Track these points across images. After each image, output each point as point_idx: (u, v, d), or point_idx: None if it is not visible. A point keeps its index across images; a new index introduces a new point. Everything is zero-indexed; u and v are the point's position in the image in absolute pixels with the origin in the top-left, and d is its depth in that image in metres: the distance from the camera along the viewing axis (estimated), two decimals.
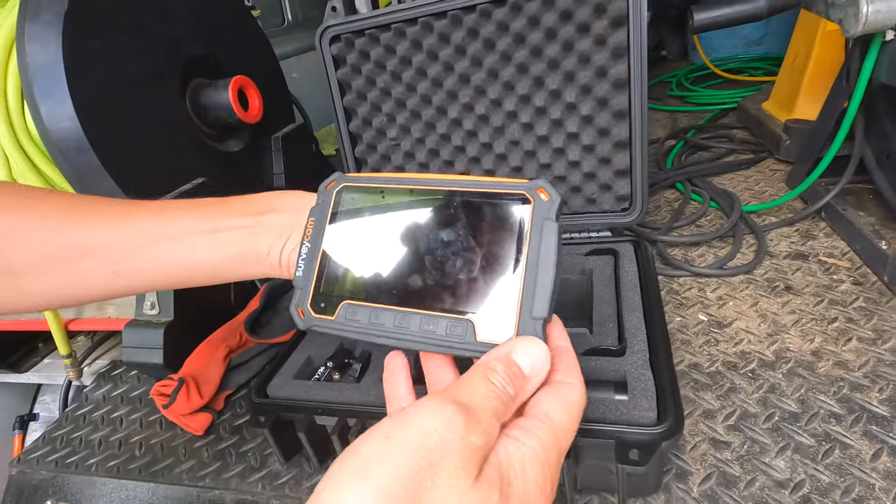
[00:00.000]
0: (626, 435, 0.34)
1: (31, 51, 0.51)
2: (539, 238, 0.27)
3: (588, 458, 0.37)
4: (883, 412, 0.41)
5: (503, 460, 0.22)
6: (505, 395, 0.23)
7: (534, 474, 0.22)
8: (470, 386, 0.23)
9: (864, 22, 0.47)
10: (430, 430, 0.21)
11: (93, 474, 0.55)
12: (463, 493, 0.20)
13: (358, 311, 0.29)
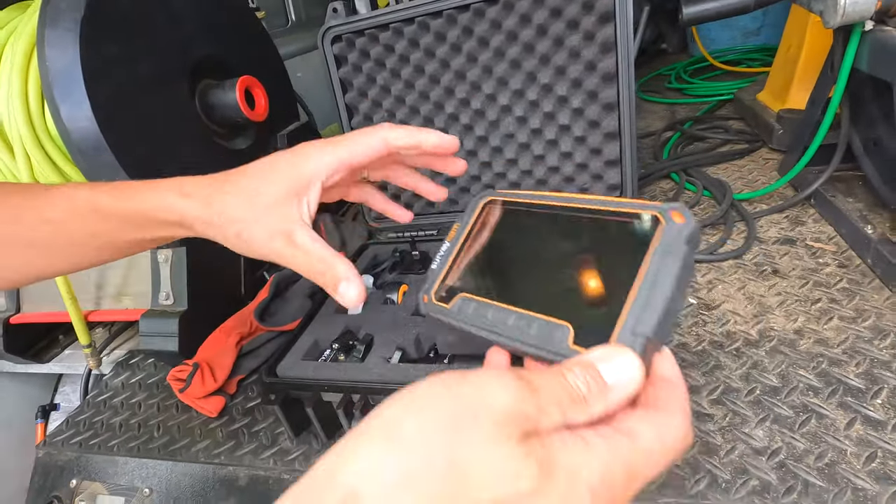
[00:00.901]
0: None
1: (51, 56, 0.55)
2: (662, 258, 0.26)
3: None
4: (858, 385, 0.44)
5: (556, 447, 0.20)
6: (575, 393, 0.22)
7: (588, 478, 0.20)
8: (541, 374, 0.22)
9: (843, 13, 0.49)
10: (484, 384, 0.21)
11: (115, 454, 0.59)
12: (501, 444, 0.19)
13: (468, 305, 0.32)
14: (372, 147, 0.37)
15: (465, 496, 0.19)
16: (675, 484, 0.40)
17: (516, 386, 0.21)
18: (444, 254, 0.36)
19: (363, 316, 0.54)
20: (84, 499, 0.58)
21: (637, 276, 0.26)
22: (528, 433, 0.20)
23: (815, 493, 0.37)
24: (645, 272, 0.26)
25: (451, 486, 0.19)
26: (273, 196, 0.35)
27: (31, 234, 0.37)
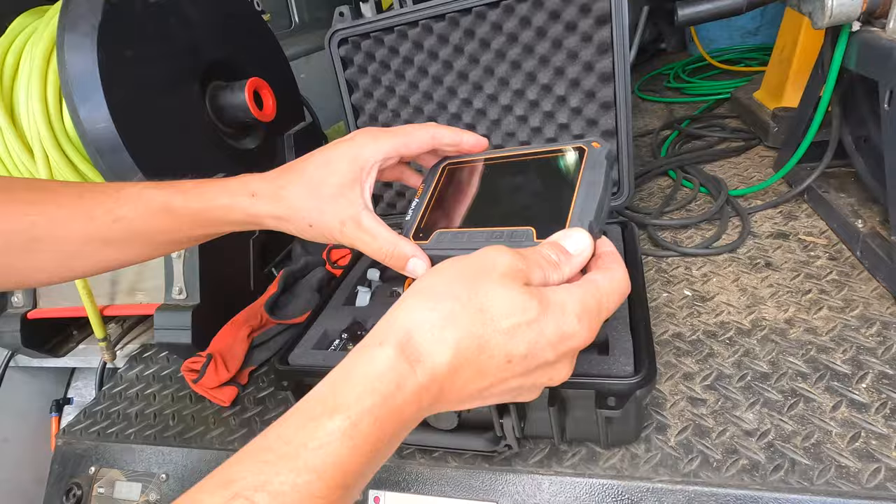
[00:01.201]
0: (605, 385, 0.38)
1: (70, 59, 0.57)
2: (591, 172, 0.37)
3: (574, 409, 0.41)
4: (845, 370, 0.46)
5: (546, 291, 0.29)
6: (550, 260, 0.31)
7: (573, 309, 0.29)
8: (525, 249, 0.31)
9: (830, 15, 0.51)
10: (487, 253, 0.30)
11: (131, 442, 0.61)
12: (509, 288, 0.28)
13: (445, 236, 0.40)
14: (423, 140, 0.42)
15: (490, 325, 0.27)
16: (669, 464, 0.42)
17: (510, 252, 0.30)
18: (415, 207, 0.44)
19: (370, 308, 0.56)
20: (103, 485, 0.60)
21: (576, 186, 0.37)
22: (526, 282, 0.29)
23: (801, 470, 0.39)
24: (580, 182, 0.37)
25: (479, 318, 0.27)
26: (337, 185, 0.39)
27: (105, 232, 0.40)
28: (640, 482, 0.41)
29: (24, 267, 0.41)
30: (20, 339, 0.77)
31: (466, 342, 0.27)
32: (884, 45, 0.49)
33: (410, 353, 0.27)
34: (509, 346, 0.28)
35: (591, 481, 0.42)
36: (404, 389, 0.26)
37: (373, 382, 0.26)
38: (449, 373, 0.27)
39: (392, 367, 0.26)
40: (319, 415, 0.25)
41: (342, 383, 0.27)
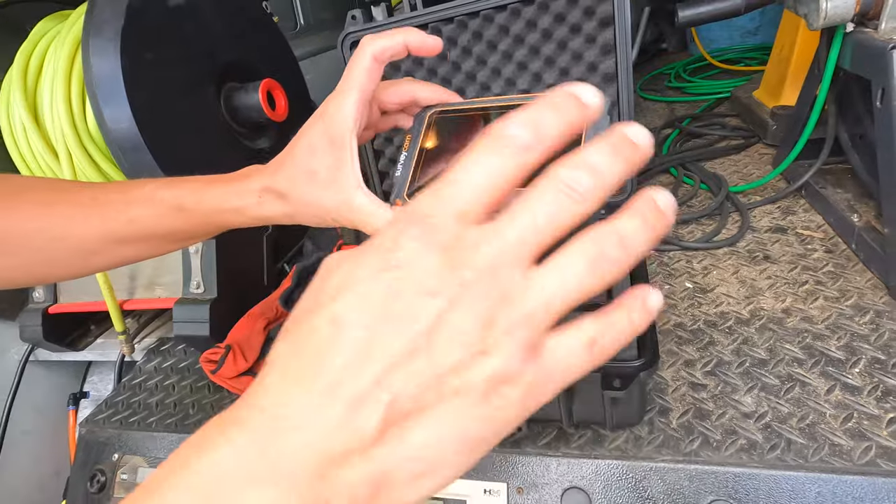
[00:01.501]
0: (610, 369, 0.40)
1: (95, 63, 0.59)
2: (595, 125, 0.32)
3: (581, 391, 0.43)
4: (839, 356, 0.48)
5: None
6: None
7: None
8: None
9: (825, 16, 0.53)
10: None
11: (153, 430, 0.63)
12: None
13: None
14: (367, 69, 0.36)
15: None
16: (671, 444, 0.44)
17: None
18: (404, 162, 0.40)
19: None
20: (126, 471, 0.63)
21: (581, 140, 0.33)
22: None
23: (796, 449, 0.41)
24: (584, 136, 0.33)
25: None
26: (326, 170, 0.37)
27: (120, 232, 0.42)
28: (644, 462, 0.43)
29: (44, 264, 0.44)
30: (41, 333, 0.79)
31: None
32: (876, 45, 0.51)
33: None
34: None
35: (597, 462, 0.45)
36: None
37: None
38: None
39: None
40: None
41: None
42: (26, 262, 0.43)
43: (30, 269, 0.44)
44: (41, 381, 0.93)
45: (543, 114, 0.20)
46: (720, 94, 1.15)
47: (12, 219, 0.41)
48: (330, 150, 0.37)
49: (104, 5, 0.60)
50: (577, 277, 0.19)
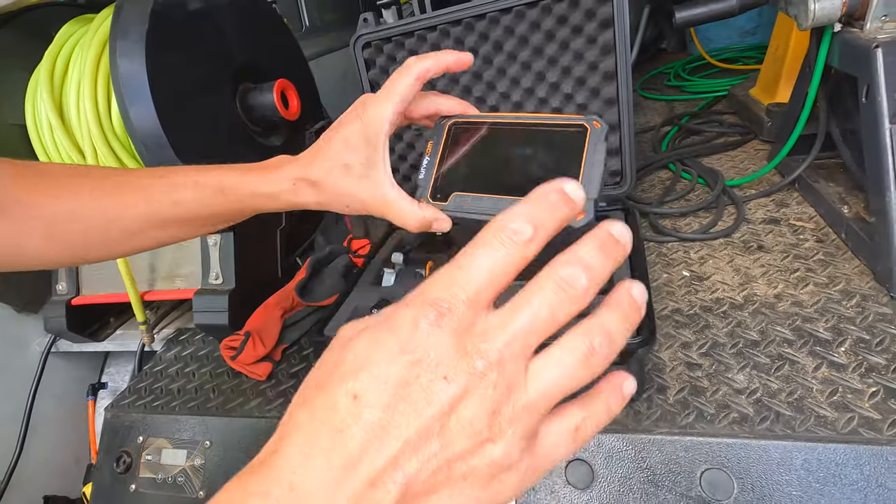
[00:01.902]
0: None
1: (122, 64, 0.63)
2: (593, 150, 0.40)
3: None
4: (827, 337, 0.51)
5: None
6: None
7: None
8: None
9: (813, 17, 0.56)
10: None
11: (176, 414, 0.66)
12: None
13: (464, 199, 0.43)
14: (411, 86, 0.42)
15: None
16: (668, 418, 0.47)
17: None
18: (426, 166, 0.45)
19: (396, 287, 0.62)
20: (150, 453, 0.66)
21: (581, 164, 0.40)
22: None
23: (784, 420, 0.44)
24: (584, 160, 0.40)
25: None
26: (361, 166, 0.42)
27: (165, 214, 0.46)
28: (643, 434, 0.47)
29: (98, 245, 0.47)
30: (65, 324, 0.82)
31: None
32: (861, 44, 0.54)
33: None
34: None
35: (599, 435, 0.48)
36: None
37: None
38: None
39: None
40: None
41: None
42: (82, 242, 0.46)
43: (86, 250, 0.47)
44: (61, 372, 0.97)
45: (541, 212, 0.22)
46: (718, 92, 1.18)
47: (76, 202, 0.44)
48: (364, 148, 0.42)
49: (130, 10, 0.64)
50: (572, 370, 0.21)
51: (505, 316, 0.21)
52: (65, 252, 0.48)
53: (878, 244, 0.55)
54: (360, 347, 0.21)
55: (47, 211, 0.44)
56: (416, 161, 0.77)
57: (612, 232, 0.22)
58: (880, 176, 0.53)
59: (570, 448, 0.23)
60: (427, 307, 0.21)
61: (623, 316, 0.22)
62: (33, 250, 0.46)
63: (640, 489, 0.45)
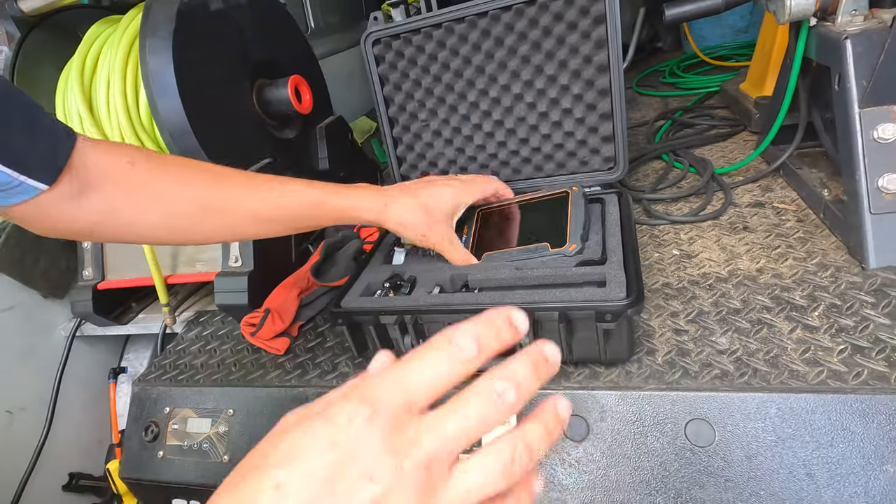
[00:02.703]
0: (603, 307, 0.48)
1: (151, 60, 0.68)
2: (575, 205, 0.62)
3: (579, 329, 0.51)
4: (802, 303, 0.55)
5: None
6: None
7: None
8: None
9: (789, 12, 0.61)
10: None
11: (200, 385, 0.71)
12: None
13: (492, 255, 0.63)
14: (489, 193, 0.68)
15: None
16: (657, 376, 0.52)
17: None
18: (465, 241, 0.66)
19: (406, 265, 0.66)
20: (177, 422, 0.70)
21: (568, 217, 0.61)
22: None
23: (761, 375, 0.49)
24: (570, 214, 0.61)
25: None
26: (442, 214, 0.62)
27: (268, 213, 0.55)
28: (634, 391, 0.51)
29: (195, 229, 0.54)
30: (91, 307, 0.87)
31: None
32: (833, 36, 0.59)
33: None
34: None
35: (594, 393, 0.52)
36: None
37: None
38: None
39: None
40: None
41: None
42: (182, 226, 0.53)
43: (183, 233, 0.55)
44: (85, 355, 1.01)
45: (487, 334, 0.24)
46: (710, 88, 1.23)
47: (195, 190, 0.52)
48: (450, 205, 0.63)
49: (158, 10, 0.69)
50: (492, 477, 0.22)
51: (436, 420, 0.22)
52: (172, 233, 0.54)
53: (850, 221, 0.60)
54: (293, 437, 0.22)
55: (168, 194, 0.51)
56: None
57: (545, 353, 0.24)
58: (852, 157, 0.58)
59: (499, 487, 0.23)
60: (363, 405, 0.22)
61: (546, 431, 0.24)
62: (145, 229, 0.52)
63: (631, 439, 0.50)
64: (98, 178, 0.48)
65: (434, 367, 0.23)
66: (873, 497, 0.42)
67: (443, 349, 0.23)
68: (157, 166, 0.51)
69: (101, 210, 0.48)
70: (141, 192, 0.50)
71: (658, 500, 0.48)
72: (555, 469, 0.51)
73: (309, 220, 0.58)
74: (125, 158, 0.49)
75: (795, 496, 0.44)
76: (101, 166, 0.48)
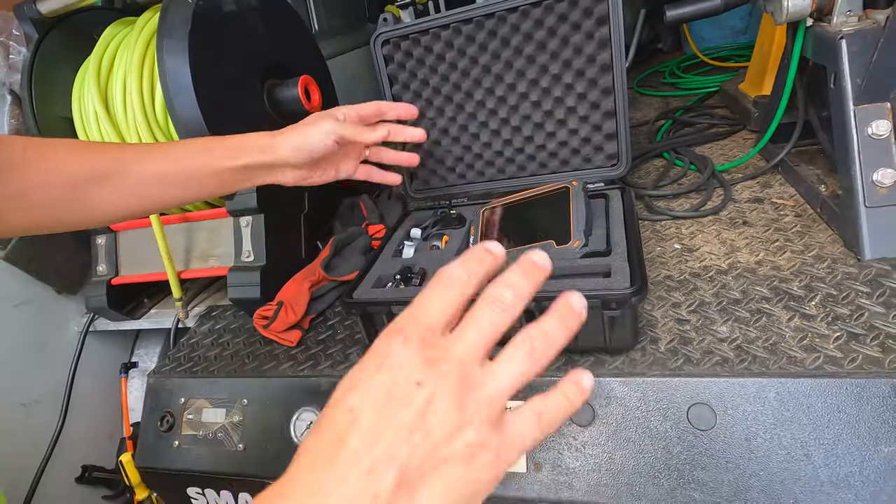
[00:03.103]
0: (609, 295, 0.50)
1: (168, 60, 0.70)
2: (577, 200, 0.63)
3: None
4: (800, 293, 0.57)
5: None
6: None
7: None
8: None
9: (787, 13, 0.63)
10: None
11: (215, 377, 0.73)
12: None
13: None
14: (367, 111, 0.63)
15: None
16: (660, 363, 0.54)
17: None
18: (472, 242, 0.68)
19: (415, 259, 0.68)
20: (192, 412, 0.72)
21: (570, 212, 0.62)
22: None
23: (760, 361, 0.51)
24: (572, 208, 0.62)
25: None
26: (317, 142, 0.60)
27: (165, 170, 0.55)
28: (638, 377, 0.53)
29: (104, 201, 0.53)
30: (105, 302, 0.89)
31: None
32: (829, 36, 0.61)
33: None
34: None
35: (599, 379, 0.54)
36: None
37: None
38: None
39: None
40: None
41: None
42: (130, 190, 0.54)
43: (127, 200, 0.55)
44: (97, 350, 1.03)
45: (470, 261, 0.29)
46: (710, 88, 1.25)
47: (115, 156, 0.53)
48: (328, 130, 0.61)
49: (175, 12, 0.71)
50: (521, 366, 0.27)
51: (458, 333, 0.27)
52: (86, 209, 0.54)
53: (846, 214, 0.62)
54: (351, 377, 0.27)
55: (65, 167, 0.51)
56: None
57: (533, 259, 0.29)
58: (847, 152, 0.60)
59: (535, 431, 0.27)
60: (395, 333, 0.27)
61: (559, 318, 0.28)
62: (64, 208, 0.52)
63: (636, 424, 0.52)
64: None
65: (439, 298, 0.28)
66: (868, 476, 0.44)
67: (440, 283, 0.28)
68: (51, 147, 0.51)
69: (11, 200, 0.49)
70: (40, 173, 0.50)
71: (661, 481, 0.50)
72: (562, 453, 0.53)
73: (203, 169, 0.57)
74: (17, 144, 0.49)
75: (793, 476, 0.46)
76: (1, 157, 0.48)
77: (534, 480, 0.53)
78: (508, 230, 0.67)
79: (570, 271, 0.57)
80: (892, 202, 0.58)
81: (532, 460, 0.54)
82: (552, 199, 0.67)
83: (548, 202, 0.67)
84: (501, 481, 0.45)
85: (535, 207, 0.68)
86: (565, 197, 0.65)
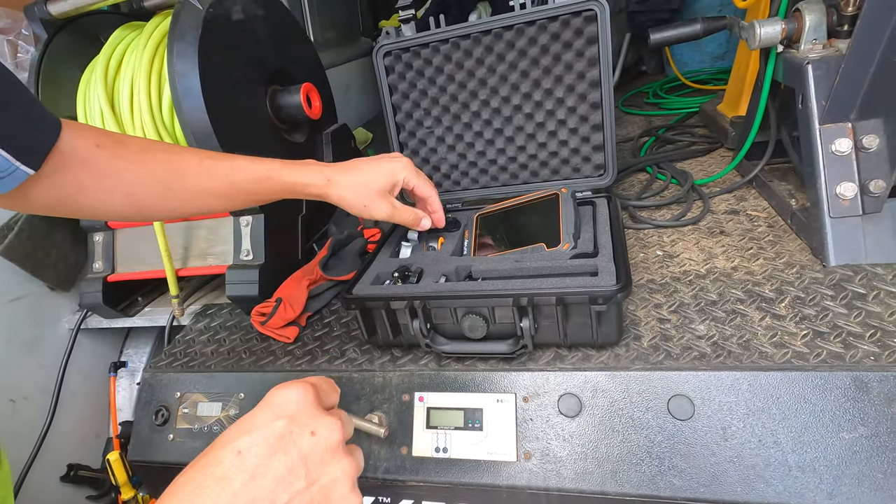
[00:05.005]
0: (596, 292, 0.54)
1: (178, 63, 0.72)
2: (566, 206, 0.67)
3: (574, 314, 0.57)
4: (771, 296, 0.62)
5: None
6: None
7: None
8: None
9: (759, 39, 0.69)
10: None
11: (212, 371, 0.74)
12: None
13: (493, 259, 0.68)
14: (423, 192, 0.72)
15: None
16: (643, 358, 0.57)
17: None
18: (466, 245, 0.72)
19: (412, 258, 0.71)
20: (187, 406, 0.73)
21: (560, 217, 0.66)
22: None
23: (734, 356, 0.55)
24: (561, 214, 0.66)
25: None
26: (381, 189, 0.66)
27: (219, 189, 0.59)
28: (622, 371, 0.56)
29: (158, 206, 0.58)
30: (101, 299, 0.90)
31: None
32: (797, 61, 0.67)
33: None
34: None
35: (586, 373, 0.58)
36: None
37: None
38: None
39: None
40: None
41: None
42: (144, 205, 0.57)
43: (149, 208, 0.58)
44: (87, 348, 1.03)
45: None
46: (691, 108, 1.32)
47: (178, 170, 0.56)
48: (387, 181, 0.67)
49: (186, 18, 0.74)
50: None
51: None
52: (140, 212, 0.57)
53: (813, 225, 0.67)
54: (244, 421, 0.36)
55: (131, 177, 0.54)
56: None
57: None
58: (813, 167, 0.65)
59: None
60: (293, 388, 0.39)
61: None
62: (110, 208, 0.55)
63: (620, 415, 0.55)
64: (68, 160, 0.50)
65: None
66: (831, 461, 0.48)
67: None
68: (120, 150, 0.53)
69: (70, 189, 0.51)
70: (106, 175, 0.52)
71: (644, 468, 0.53)
72: (550, 442, 0.56)
73: (260, 195, 0.62)
74: (92, 141, 0.51)
75: (764, 461, 0.50)
76: (71, 148, 0.50)
77: (523, 469, 0.56)
78: (501, 234, 0.71)
79: (560, 271, 0.60)
80: (854, 213, 0.63)
81: (522, 450, 0.57)
82: (543, 204, 0.70)
83: (539, 208, 0.71)
84: (492, 471, 0.52)
85: (526, 213, 0.72)
86: (555, 203, 0.69)
